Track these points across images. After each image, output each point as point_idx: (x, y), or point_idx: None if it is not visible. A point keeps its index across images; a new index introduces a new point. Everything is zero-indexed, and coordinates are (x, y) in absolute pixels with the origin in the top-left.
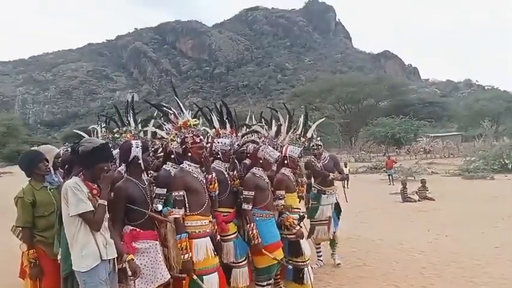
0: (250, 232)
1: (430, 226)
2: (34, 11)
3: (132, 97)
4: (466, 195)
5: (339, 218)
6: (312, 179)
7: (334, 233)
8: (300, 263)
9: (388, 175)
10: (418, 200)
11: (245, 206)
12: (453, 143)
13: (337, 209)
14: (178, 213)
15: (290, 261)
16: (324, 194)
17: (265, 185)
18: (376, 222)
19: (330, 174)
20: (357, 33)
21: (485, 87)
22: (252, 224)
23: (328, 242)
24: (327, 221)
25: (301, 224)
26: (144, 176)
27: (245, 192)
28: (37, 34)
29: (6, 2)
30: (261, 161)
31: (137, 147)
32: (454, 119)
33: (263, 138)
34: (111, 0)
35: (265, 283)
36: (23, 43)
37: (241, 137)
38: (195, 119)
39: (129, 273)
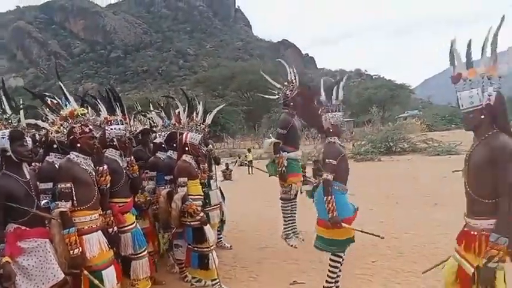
0: (329, 205)
1: None
2: None
3: (2, 80)
4: (357, 176)
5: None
6: None
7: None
8: (205, 249)
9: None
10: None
11: (327, 176)
12: (347, 128)
13: (221, 192)
14: (64, 206)
15: (195, 248)
16: (212, 178)
17: (345, 156)
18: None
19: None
20: (256, 21)
21: (373, 77)
22: (331, 197)
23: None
24: (219, 206)
25: None
26: (26, 169)
27: (328, 160)
28: None
29: None
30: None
31: (3, 137)
32: (347, 106)
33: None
34: None
35: (342, 257)
36: None
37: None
38: (82, 108)
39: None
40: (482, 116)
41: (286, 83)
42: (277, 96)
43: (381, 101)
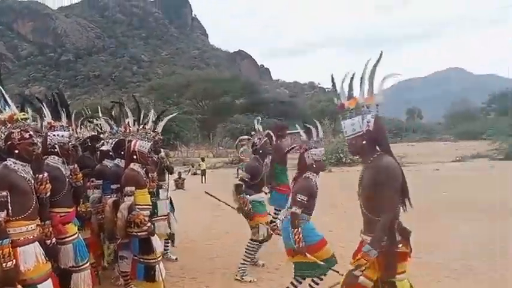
0: (296, 237)
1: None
2: None
3: None
4: None
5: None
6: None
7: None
8: (152, 261)
9: (237, 169)
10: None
11: (295, 210)
12: (300, 139)
13: (171, 203)
14: None
15: (141, 260)
16: (161, 188)
17: (316, 193)
18: (230, 214)
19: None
20: (213, 31)
21: (326, 89)
22: (298, 230)
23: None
24: (167, 216)
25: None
26: None
27: (300, 196)
28: None
29: None
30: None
31: None
32: (301, 118)
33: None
34: None
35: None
36: None
37: None
38: (23, 113)
39: None
40: (364, 142)
41: (253, 132)
42: (243, 148)
43: (333, 113)
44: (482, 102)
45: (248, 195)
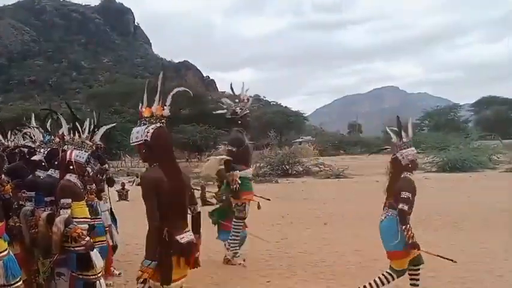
0: (408, 233)
1: None
2: None
3: None
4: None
5: (116, 225)
6: None
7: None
8: (92, 277)
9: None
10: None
11: (403, 206)
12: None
13: (112, 215)
14: None
15: (80, 276)
16: (101, 199)
17: (415, 191)
18: None
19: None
20: (157, 41)
21: (271, 103)
22: (409, 225)
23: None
24: (108, 228)
25: None
26: None
27: (405, 194)
28: None
29: None
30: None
31: None
32: (246, 129)
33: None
34: None
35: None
36: None
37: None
38: None
39: None
40: (144, 150)
41: (237, 100)
42: (225, 111)
43: (279, 126)
44: (416, 118)
45: (238, 171)
